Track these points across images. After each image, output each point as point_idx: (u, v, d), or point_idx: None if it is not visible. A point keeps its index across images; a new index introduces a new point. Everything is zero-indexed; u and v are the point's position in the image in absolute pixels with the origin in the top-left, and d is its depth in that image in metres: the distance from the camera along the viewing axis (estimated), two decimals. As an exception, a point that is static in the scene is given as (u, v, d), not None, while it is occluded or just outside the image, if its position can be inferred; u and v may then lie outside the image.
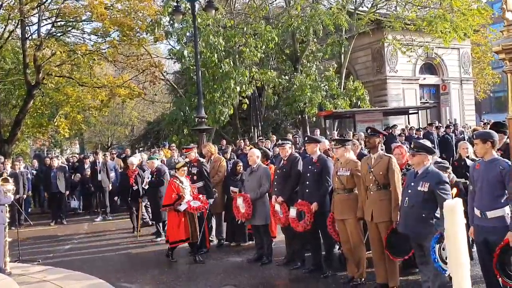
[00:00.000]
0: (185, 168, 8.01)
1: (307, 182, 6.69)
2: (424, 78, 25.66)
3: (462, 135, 16.21)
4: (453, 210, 1.05)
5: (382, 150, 6.08)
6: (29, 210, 14.45)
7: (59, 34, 18.91)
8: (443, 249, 4.88)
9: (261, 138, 16.61)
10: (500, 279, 4.53)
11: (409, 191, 5.13)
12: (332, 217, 6.34)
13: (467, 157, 7.30)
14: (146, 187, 9.83)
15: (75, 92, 19.76)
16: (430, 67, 26.03)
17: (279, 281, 6.63)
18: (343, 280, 6.21)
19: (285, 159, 7.21)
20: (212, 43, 17.34)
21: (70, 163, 16.55)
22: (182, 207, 7.64)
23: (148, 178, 9.79)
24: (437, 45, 22.27)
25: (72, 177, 14.49)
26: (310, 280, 6.39)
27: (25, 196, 12.97)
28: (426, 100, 25.95)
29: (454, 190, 1.12)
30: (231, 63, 17.75)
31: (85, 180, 14.30)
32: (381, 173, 5.56)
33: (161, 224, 9.69)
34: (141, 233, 10.38)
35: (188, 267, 7.73)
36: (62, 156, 23.31)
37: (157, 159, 10.45)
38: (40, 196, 15.28)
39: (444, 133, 16.16)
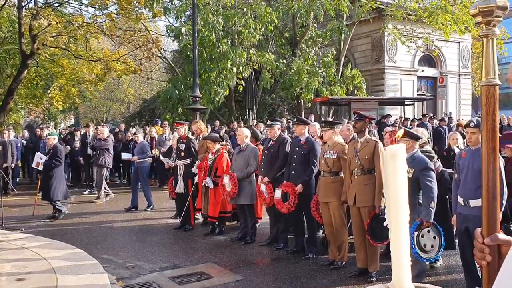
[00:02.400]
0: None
1: (294, 164, 6.64)
2: (423, 70, 25.55)
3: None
4: (395, 155, 0.98)
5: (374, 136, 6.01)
6: (18, 179, 14.39)
7: (56, 4, 18.65)
8: (422, 236, 4.87)
9: (256, 124, 16.54)
10: (479, 268, 4.50)
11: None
12: (317, 200, 6.32)
13: (457, 147, 7.26)
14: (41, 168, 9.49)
15: (70, 65, 19.57)
16: (429, 59, 25.90)
17: (260, 259, 6.62)
18: (323, 262, 6.20)
19: (274, 139, 7.15)
20: (210, 22, 17.16)
21: (61, 135, 16.45)
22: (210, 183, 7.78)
23: (41, 159, 9.43)
24: (437, 37, 22.13)
25: (62, 149, 14.39)
26: (291, 261, 6.38)
27: (13, 165, 12.89)
28: (423, 92, 25.87)
29: (401, 132, 1.02)
30: (229, 43, 17.59)
31: (74, 153, 14.21)
32: (366, 157, 5.51)
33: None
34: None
35: (170, 243, 7.71)
36: (53, 128, 23.18)
37: (57, 136, 10.48)
38: (29, 166, 15.19)
39: (438, 125, 16.14)
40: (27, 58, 17.08)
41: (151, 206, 10.45)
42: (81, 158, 13.76)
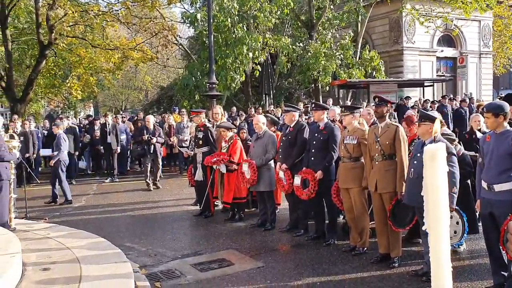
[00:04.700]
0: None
1: (313, 150, 6.59)
2: (442, 51, 25.07)
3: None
4: (434, 156, 0.93)
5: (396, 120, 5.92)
6: (40, 169, 14.61)
7: (72, -7, 18.69)
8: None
9: (273, 109, 16.47)
10: (505, 253, 4.43)
11: (415, 162, 5.01)
12: (337, 186, 6.27)
13: (479, 129, 7.11)
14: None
15: (87, 54, 19.70)
16: (448, 39, 25.39)
17: (280, 246, 6.62)
18: (345, 248, 6.18)
19: (292, 126, 7.10)
20: (226, 7, 17.04)
21: (81, 125, 16.63)
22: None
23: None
24: (457, 16, 21.63)
25: (82, 138, 14.55)
26: (312, 247, 6.38)
27: (35, 155, 13.09)
28: (443, 73, 25.43)
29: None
30: (245, 28, 17.46)
31: (95, 142, 14.36)
32: (387, 142, 5.43)
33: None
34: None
35: (190, 230, 7.78)
36: (72, 117, 23.46)
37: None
38: (50, 155, 15.38)
39: (459, 106, 15.84)
40: (45, 48, 17.24)
41: (69, 201, 10.13)
42: (101, 147, 13.87)
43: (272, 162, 7.48)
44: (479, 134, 6.86)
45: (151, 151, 11.55)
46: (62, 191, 10.18)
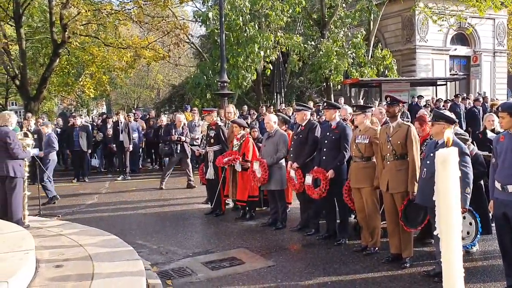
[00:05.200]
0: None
1: (325, 149, 6.57)
2: (455, 49, 24.83)
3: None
4: (445, 161, 0.92)
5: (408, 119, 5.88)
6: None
7: (85, -7, 18.84)
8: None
9: (284, 108, 16.45)
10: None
11: (428, 162, 4.97)
12: (349, 186, 6.25)
13: (493, 130, 7.03)
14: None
15: (100, 52, 19.87)
16: (461, 38, 25.13)
17: (291, 245, 6.62)
18: (356, 248, 6.16)
19: (303, 125, 7.08)
20: (237, 5, 17.04)
21: (94, 123, 16.77)
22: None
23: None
24: (471, 14, 21.39)
25: (95, 136, 14.66)
26: (323, 247, 6.37)
27: (48, 153, 13.20)
28: (456, 72, 25.18)
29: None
30: (256, 26, 17.45)
31: (107, 140, 14.47)
32: (399, 142, 5.39)
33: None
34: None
35: (201, 228, 7.81)
36: (86, 115, 23.65)
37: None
38: (63, 153, 15.55)
39: (472, 106, 15.69)
40: (58, 47, 17.41)
41: (54, 201, 9.94)
42: (114, 145, 13.97)
43: (283, 161, 7.48)
44: (489, 134, 6.79)
45: (178, 151, 11.56)
46: (44, 189, 9.84)
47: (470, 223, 5.43)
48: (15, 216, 6.79)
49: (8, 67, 18.02)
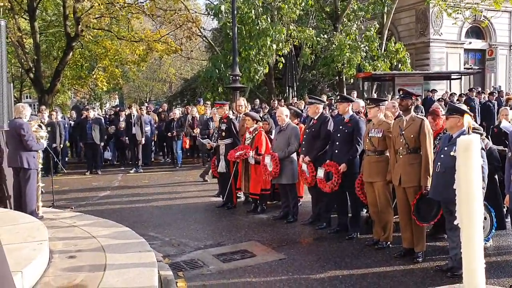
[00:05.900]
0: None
1: (337, 143, 6.54)
2: (470, 43, 24.52)
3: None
4: (468, 148, 0.90)
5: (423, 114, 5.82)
6: (66, 159, 14.91)
7: (98, -14, 18.91)
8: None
9: (296, 101, 16.39)
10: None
11: (442, 155, 4.91)
12: (361, 179, 6.21)
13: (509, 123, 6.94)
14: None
15: (113, 46, 19.98)
16: (476, 31, 24.79)
17: (303, 239, 6.61)
18: (368, 242, 6.13)
19: (315, 118, 7.05)
20: (250, -2, 16.99)
21: (107, 116, 16.87)
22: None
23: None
24: (486, 7, 21.08)
25: (108, 129, 14.76)
26: (334, 240, 6.35)
27: (61, 145, 13.34)
28: (471, 65, 24.87)
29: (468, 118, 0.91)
30: (269, 19, 17.38)
31: (120, 133, 14.55)
32: (412, 136, 5.33)
33: None
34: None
35: (213, 221, 7.82)
36: (98, 108, 23.80)
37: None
38: (77, 146, 15.69)
39: (487, 100, 15.49)
40: (72, 40, 17.53)
41: None
42: (126, 138, 14.05)
43: (295, 154, 7.46)
44: (504, 124, 6.69)
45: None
46: None
47: (485, 218, 5.37)
48: (29, 207, 6.87)
49: (23, 61, 18.19)
